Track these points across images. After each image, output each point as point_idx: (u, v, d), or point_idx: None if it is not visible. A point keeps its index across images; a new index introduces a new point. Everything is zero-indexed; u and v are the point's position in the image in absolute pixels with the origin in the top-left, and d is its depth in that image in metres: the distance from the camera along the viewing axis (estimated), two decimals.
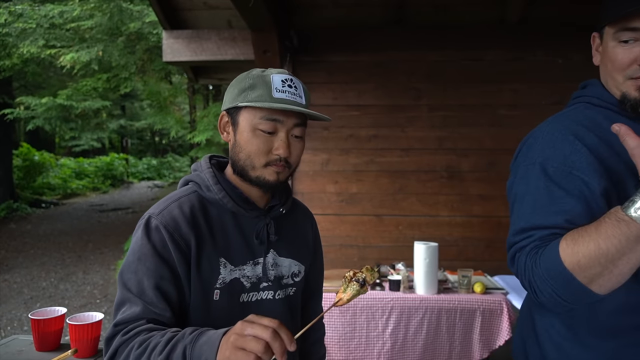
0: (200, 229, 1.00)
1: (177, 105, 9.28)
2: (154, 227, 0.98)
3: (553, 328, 1.04)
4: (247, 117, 1.00)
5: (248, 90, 1.00)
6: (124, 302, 0.94)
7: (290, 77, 1.02)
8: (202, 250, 0.99)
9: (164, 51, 3.69)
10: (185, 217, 0.99)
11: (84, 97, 8.89)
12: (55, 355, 1.34)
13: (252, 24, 3.13)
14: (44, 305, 4.99)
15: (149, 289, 0.93)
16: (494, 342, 2.49)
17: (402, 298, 2.51)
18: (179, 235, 0.97)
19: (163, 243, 0.96)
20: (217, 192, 1.03)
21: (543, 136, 1.05)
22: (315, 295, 1.29)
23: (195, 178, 1.07)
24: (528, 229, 0.97)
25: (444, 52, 3.67)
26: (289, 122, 1.00)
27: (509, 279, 2.97)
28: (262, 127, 0.99)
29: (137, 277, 0.94)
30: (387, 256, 3.62)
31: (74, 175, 14.88)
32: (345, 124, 3.72)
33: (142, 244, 0.97)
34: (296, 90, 1.01)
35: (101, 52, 6.74)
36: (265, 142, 0.99)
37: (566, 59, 3.58)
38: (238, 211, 1.05)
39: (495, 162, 3.67)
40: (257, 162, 1.00)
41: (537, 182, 0.99)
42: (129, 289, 0.94)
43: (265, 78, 1.00)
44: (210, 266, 0.99)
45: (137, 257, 0.96)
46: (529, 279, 0.94)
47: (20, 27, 7.02)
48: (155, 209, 1.02)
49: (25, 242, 8.13)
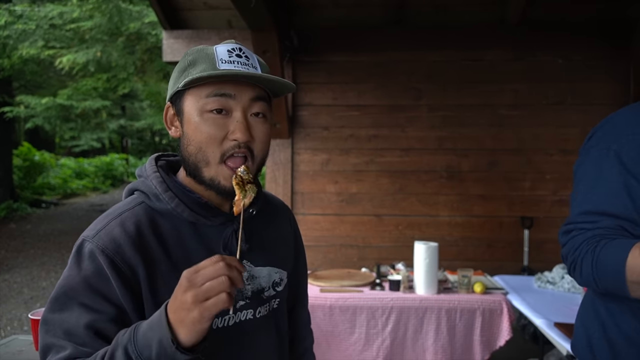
0: (149, 250, 0.81)
1: None
2: (87, 253, 0.78)
3: (624, 322, 1.00)
4: (191, 101, 0.82)
5: (188, 68, 0.83)
6: (49, 349, 0.75)
7: (239, 46, 0.85)
8: (155, 275, 0.80)
9: (164, 51, 3.69)
10: (129, 237, 0.80)
11: (83, 97, 8.90)
12: None
13: (252, 24, 3.13)
14: (44, 305, 4.99)
15: (77, 328, 0.75)
16: (495, 342, 2.48)
17: (402, 298, 2.51)
18: (121, 261, 0.78)
19: (99, 272, 0.77)
20: (168, 201, 0.84)
21: (622, 123, 1.02)
22: (300, 300, 1.14)
23: (140, 186, 0.87)
24: (595, 212, 0.97)
25: (444, 52, 3.67)
26: (244, 97, 0.82)
27: (509, 279, 2.97)
28: (211, 106, 0.80)
29: (61, 317, 0.76)
30: (387, 256, 3.62)
31: (74, 175, 14.87)
32: (345, 124, 3.73)
33: (69, 275, 0.78)
34: (248, 60, 0.83)
35: (99, 52, 6.74)
36: (217, 126, 0.80)
37: (566, 59, 3.58)
38: (197, 220, 0.86)
39: (495, 162, 3.67)
40: (210, 155, 0.81)
41: (611, 169, 0.98)
42: (52, 332, 0.76)
43: (206, 50, 0.84)
44: (169, 292, 0.75)
45: (64, 292, 0.77)
46: (575, 258, 0.97)
47: (20, 28, 7.03)
48: (90, 230, 0.82)
49: (25, 242, 8.13)
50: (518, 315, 2.89)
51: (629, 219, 0.93)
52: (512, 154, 3.66)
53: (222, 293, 0.65)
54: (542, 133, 3.63)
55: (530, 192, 3.66)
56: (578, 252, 0.97)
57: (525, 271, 3.48)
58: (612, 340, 1.01)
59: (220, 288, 0.65)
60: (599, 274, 0.92)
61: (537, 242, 3.59)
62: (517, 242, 3.63)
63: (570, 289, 2.65)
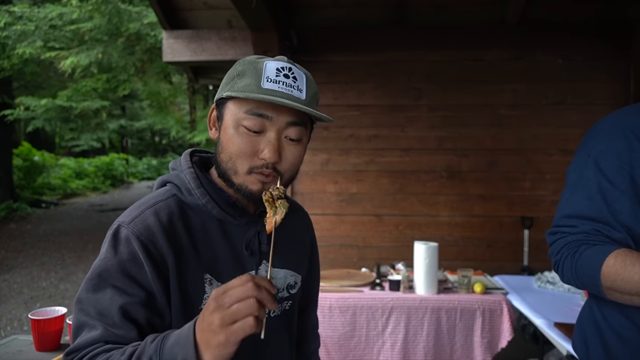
0: (180, 240, 0.84)
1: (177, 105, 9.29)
2: (123, 238, 0.81)
3: (613, 319, 1.06)
4: (231, 111, 0.84)
5: (236, 78, 0.85)
6: (82, 326, 0.78)
7: (289, 66, 0.85)
8: (183, 266, 0.84)
9: (164, 51, 3.69)
10: (162, 227, 0.83)
11: (83, 98, 8.90)
12: (55, 355, 1.34)
13: (252, 24, 3.13)
14: (44, 305, 4.99)
15: (110, 309, 0.77)
16: (497, 344, 2.48)
17: (402, 298, 2.51)
18: (154, 248, 0.81)
19: (134, 257, 0.80)
20: (200, 197, 0.87)
21: (603, 129, 1.08)
22: (311, 303, 1.17)
23: (174, 179, 0.90)
24: (575, 216, 1.04)
25: (444, 52, 3.67)
26: (281, 120, 0.83)
27: (509, 279, 2.97)
28: (247, 123, 0.82)
29: (95, 297, 0.79)
30: (387, 256, 3.62)
31: (74, 175, 14.88)
32: (345, 124, 3.73)
33: (106, 257, 0.81)
34: (294, 81, 0.84)
35: (101, 54, 6.74)
36: (249, 142, 0.83)
37: (566, 59, 3.58)
38: (225, 218, 0.89)
39: (495, 162, 3.67)
40: (239, 167, 0.84)
41: (589, 173, 1.04)
42: (85, 311, 0.78)
43: (257, 65, 0.84)
44: (194, 284, 0.84)
45: (98, 274, 0.80)
46: (558, 260, 1.05)
47: (20, 29, 7.03)
48: (126, 216, 0.85)
49: (25, 242, 8.12)
50: (518, 315, 2.89)
51: (603, 221, 1.00)
52: (512, 154, 3.66)
53: (250, 317, 0.63)
54: (542, 133, 3.63)
55: (530, 192, 3.66)
56: (560, 255, 1.05)
57: (525, 271, 3.48)
58: (604, 336, 1.07)
59: (247, 311, 0.63)
60: (578, 277, 1.01)
61: (537, 242, 3.59)
62: (517, 242, 3.63)
63: (570, 289, 2.65)
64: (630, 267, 0.92)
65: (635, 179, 0.98)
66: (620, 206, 0.98)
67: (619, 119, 1.06)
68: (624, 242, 0.99)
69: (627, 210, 0.98)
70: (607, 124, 1.07)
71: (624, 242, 0.99)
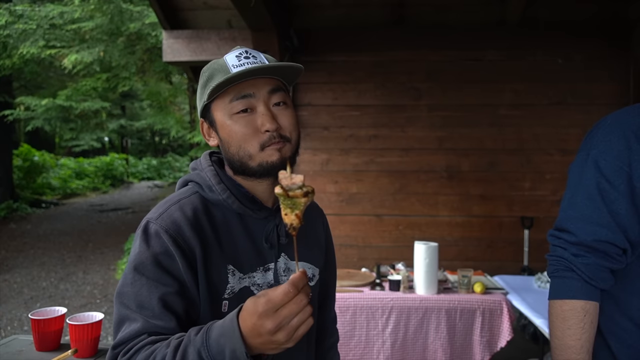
0: (204, 233, 0.90)
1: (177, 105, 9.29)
2: (153, 232, 0.87)
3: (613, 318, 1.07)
4: (219, 109, 0.92)
5: (208, 82, 0.93)
6: (123, 320, 0.84)
7: (245, 49, 0.93)
8: (208, 257, 0.89)
9: (164, 51, 3.69)
10: (187, 220, 0.89)
11: (83, 97, 8.89)
12: (55, 355, 1.34)
13: (252, 24, 3.13)
14: (44, 305, 4.99)
15: (149, 301, 0.83)
16: (496, 343, 2.48)
17: (402, 298, 2.51)
18: (182, 240, 0.87)
19: (165, 249, 0.86)
20: (220, 192, 0.93)
21: (603, 128, 1.07)
22: (329, 298, 1.22)
23: (195, 178, 0.97)
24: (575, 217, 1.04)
25: (443, 52, 3.67)
26: (262, 91, 0.90)
27: (509, 279, 2.97)
28: (236, 108, 0.89)
29: (134, 290, 0.84)
30: (387, 256, 3.62)
31: (74, 175, 14.88)
32: (345, 124, 3.73)
33: (139, 252, 0.86)
34: (255, 59, 0.91)
35: (103, 52, 6.74)
36: (246, 123, 0.89)
37: (566, 59, 3.58)
38: (245, 212, 0.95)
39: (495, 162, 3.67)
40: (250, 149, 0.89)
41: (588, 173, 1.04)
42: (126, 305, 0.84)
43: (218, 62, 0.93)
44: (218, 274, 0.90)
45: (134, 268, 0.85)
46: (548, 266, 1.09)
47: (21, 28, 7.02)
48: (153, 212, 0.91)
49: (25, 242, 8.13)
50: (518, 315, 2.90)
51: (602, 224, 0.99)
52: (512, 154, 3.66)
53: (310, 318, 0.70)
54: (542, 133, 3.63)
55: (530, 192, 3.66)
56: (549, 265, 1.09)
57: (525, 271, 3.48)
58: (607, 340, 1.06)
59: (305, 317, 0.70)
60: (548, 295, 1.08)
61: (537, 242, 3.59)
62: (517, 242, 3.63)
63: None
64: (572, 331, 0.99)
65: (632, 180, 0.98)
66: (618, 207, 0.98)
67: (619, 119, 1.06)
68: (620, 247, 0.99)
69: (623, 212, 0.98)
70: (607, 123, 1.07)
71: (620, 247, 0.99)
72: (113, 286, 5.94)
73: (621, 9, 3.49)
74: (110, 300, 5.42)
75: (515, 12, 3.44)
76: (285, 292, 0.69)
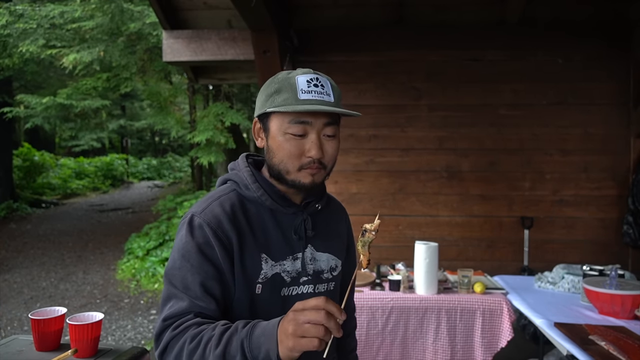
0: (241, 226, 1.03)
1: (177, 105, 9.27)
2: (197, 225, 1.01)
3: None
4: (276, 122, 1.01)
5: (274, 95, 1.01)
6: (170, 297, 0.98)
7: (316, 76, 1.01)
8: (244, 247, 1.02)
9: (164, 51, 3.69)
10: (226, 215, 1.02)
11: (83, 97, 8.87)
12: (55, 355, 1.34)
13: (252, 24, 3.13)
14: (44, 305, 4.99)
15: (193, 285, 0.97)
16: (496, 344, 2.48)
17: (402, 298, 2.51)
18: (221, 232, 1.00)
19: (206, 240, 0.99)
20: (255, 190, 1.06)
21: None
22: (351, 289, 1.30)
23: (233, 177, 1.11)
24: None
25: (443, 52, 3.67)
26: (319, 123, 1.00)
27: (509, 279, 2.97)
28: (292, 130, 0.99)
29: (181, 274, 0.98)
30: (387, 256, 3.62)
31: (74, 175, 14.87)
32: (345, 124, 3.71)
33: (186, 241, 1.00)
34: (323, 88, 1.00)
35: (103, 52, 6.73)
36: (296, 145, 1.00)
37: (566, 59, 3.58)
38: (276, 208, 1.07)
39: (495, 162, 3.67)
40: (290, 167, 1.02)
41: None
42: (174, 285, 0.98)
43: (290, 80, 1.00)
44: (253, 262, 1.02)
45: (181, 255, 0.99)
46: None
47: (21, 27, 7.02)
48: (197, 207, 1.05)
49: (25, 242, 8.13)
50: (518, 315, 2.89)
51: None
52: (512, 154, 3.66)
53: (315, 338, 0.79)
54: (542, 133, 3.63)
55: (530, 192, 3.66)
56: None
57: (525, 271, 3.48)
58: None
59: (315, 333, 0.79)
60: None
61: (537, 242, 3.59)
62: (517, 242, 3.63)
63: (570, 289, 2.65)
64: None
65: None
66: None
67: None
68: None
69: None
70: None
71: None
72: (113, 286, 5.95)
73: (621, 9, 3.49)
74: (110, 300, 5.42)
75: (515, 12, 3.44)
76: (318, 301, 0.82)
